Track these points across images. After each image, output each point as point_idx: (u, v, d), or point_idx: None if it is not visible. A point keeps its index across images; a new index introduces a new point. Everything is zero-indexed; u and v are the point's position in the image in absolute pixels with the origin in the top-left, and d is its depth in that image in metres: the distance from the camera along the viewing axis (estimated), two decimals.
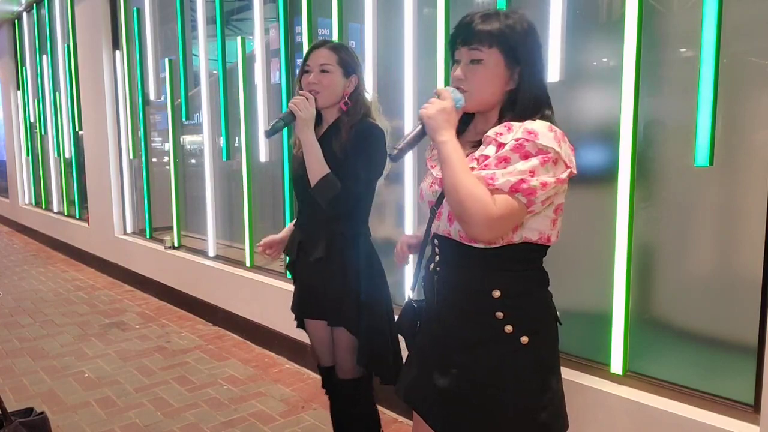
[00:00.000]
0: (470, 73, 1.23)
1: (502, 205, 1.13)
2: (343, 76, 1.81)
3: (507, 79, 1.24)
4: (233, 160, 4.12)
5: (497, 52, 1.21)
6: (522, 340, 1.22)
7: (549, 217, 1.24)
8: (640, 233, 2.00)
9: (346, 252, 1.83)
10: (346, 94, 1.81)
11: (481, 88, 1.24)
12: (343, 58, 1.81)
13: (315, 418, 2.70)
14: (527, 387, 1.24)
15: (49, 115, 7.02)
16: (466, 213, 1.13)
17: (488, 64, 1.22)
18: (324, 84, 1.79)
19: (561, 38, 2.12)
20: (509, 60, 1.22)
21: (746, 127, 1.87)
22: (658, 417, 1.85)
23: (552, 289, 1.34)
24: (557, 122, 1.26)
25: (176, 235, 4.70)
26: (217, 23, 3.97)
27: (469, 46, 1.22)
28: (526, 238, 1.22)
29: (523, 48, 1.22)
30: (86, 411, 2.82)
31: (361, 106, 1.83)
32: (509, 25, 1.22)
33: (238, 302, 3.84)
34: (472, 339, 1.26)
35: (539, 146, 1.15)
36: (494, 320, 1.23)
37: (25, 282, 5.48)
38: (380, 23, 2.84)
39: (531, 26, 1.25)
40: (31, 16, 7.34)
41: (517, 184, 1.13)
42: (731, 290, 1.93)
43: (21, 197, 8.35)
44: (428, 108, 1.21)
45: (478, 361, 1.25)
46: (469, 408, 1.26)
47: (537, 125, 1.18)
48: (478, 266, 1.25)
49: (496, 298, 1.23)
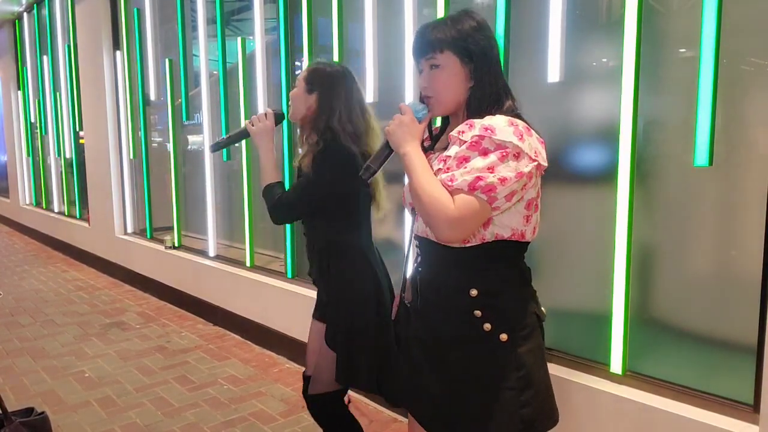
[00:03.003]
0: (432, 78, 1.29)
1: (461, 204, 1.16)
2: (305, 92, 1.85)
3: (466, 76, 1.28)
4: (233, 160, 4.13)
5: (450, 54, 1.26)
6: (501, 338, 1.24)
7: (521, 213, 1.25)
8: (639, 233, 2.00)
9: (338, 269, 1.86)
10: (308, 109, 1.84)
11: (443, 90, 1.29)
12: (310, 75, 1.85)
13: None
14: (508, 384, 1.25)
15: (50, 115, 7.03)
16: (429, 216, 1.18)
17: (445, 66, 1.27)
18: (292, 98, 1.88)
19: (561, 38, 2.12)
20: (463, 58, 1.27)
21: (746, 127, 1.88)
22: (657, 417, 1.85)
23: (552, 288, 1.34)
24: (557, 120, 1.27)
25: (176, 235, 4.70)
26: (217, 23, 3.98)
27: (425, 55, 1.29)
28: (498, 235, 1.24)
29: (474, 44, 1.26)
30: (87, 411, 2.82)
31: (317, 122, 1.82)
32: (457, 27, 1.27)
33: (238, 302, 3.84)
34: (452, 337, 1.29)
35: (497, 142, 1.17)
36: (473, 318, 1.25)
37: (25, 282, 5.49)
38: (380, 23, 2.84)
39: (480, 23, 1.29)
40: (32, 16, 7.35)
41: (474, 182, 1.15)
42: (731, 290, 1.93)
43: (21, 197, 8.36)
44: (390, 125, 1.28)
45: (459, 359, 1.28)
46: (452, 406, 1.28)
47: (495, 120, 1.20)
48: (454, 266, 1.27)
49: (473, 297, 1.25)
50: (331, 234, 1.87)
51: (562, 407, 1.40)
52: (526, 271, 1.34)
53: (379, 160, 1.32)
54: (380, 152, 1.32)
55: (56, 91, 6.73)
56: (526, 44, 2.31)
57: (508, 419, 1.25)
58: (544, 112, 2.33)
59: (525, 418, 1.26)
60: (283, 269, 3.55)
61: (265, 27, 3.63)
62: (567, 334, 2.27)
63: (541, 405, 1.30)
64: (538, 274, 1.38)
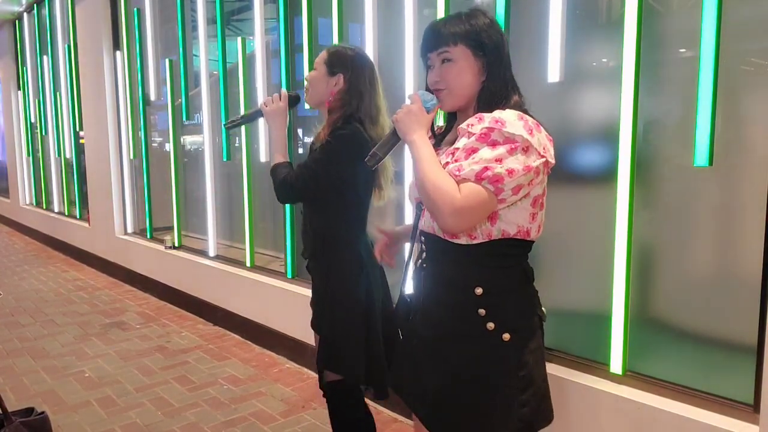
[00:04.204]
0: (444, 72, 1.29)
1: (468, 193, 1.15)
2: (326, 75, 1.83)
3: (479, 69, 1.28)
4: (233, 161, 4.13)
5: (464, 47, 1.27)
6: (504, 337, 1.24)
7: (527, 210, 1.25)
8: (639, 233, 2.00)
9: (327, 254, 1.88)
10: (331, 93, 1.83)
11: (456, 82, 1.28)
12: (331, 57, 1.84)
13: (315, 417, 2.70)
14: (509, 383, 1.25)
15: (50, 115, 7.03)
16: (434, 205, 1.17)
17: (458, 59, 1.27)
18: (310, 81, 1.87)
19: (561, 38, 2.12)
20: (476, 52, 1.27)
21: (746, 127, 1.88)
22: (657, 417, 1.85)
23: (552, 288, 1.34)
24: (557, 119, 1.28)
25: (177, 235, 4.70)
26: (217, 23, 3.98)
27: (438, 49, 1.29)
28: (504, 232, 1.24)
29: (488, 39, 1.27)
30: (87, 411, 2.82)
31: (345, 107, 1.82)
32: (471, 22, 1.28)
33: (239, 302, 3.84)
34: (455, 333, 1.29)
35: (506, 134, 1.17)
36: (477, 317, 1.25)
37: (25, 282, 5.49)
38: (380, 23, 2.84)
39: (492, 19, 1.31)
40: (32, 16, 7.35)
41: (482, 172, 1.15)
42: (731, 290, 1.93)
43: (22, 197, 8.36)
44: (398, 113, 1.28)
45: (461, 356, 1.28)
46: (452, 404, 1.28)
47: (506, 114, 1.20)
48: (460, 262, 1.27)
49: (478, 295, 1.25)
50: (326, 220, 1.87)
51: (562, 407, 1.40)
52: (529, 270, 1.33)
53: (385, 148, 1.31)
54: (387, 139, 1.31)
55: (56, 91, 6.73)
56: (526, 44, 2.31)
57: (508, 418, 1.25)
58: (545, 112, 2.31)
59: (524, 417, 1.26)
60: (283, 269, 3.55)
61: (265, 27, 3.63)
62: (567, 334, 2.27)
63: (539, 405, 1.30)
64: (539, 274, 1.38)
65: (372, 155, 1.30)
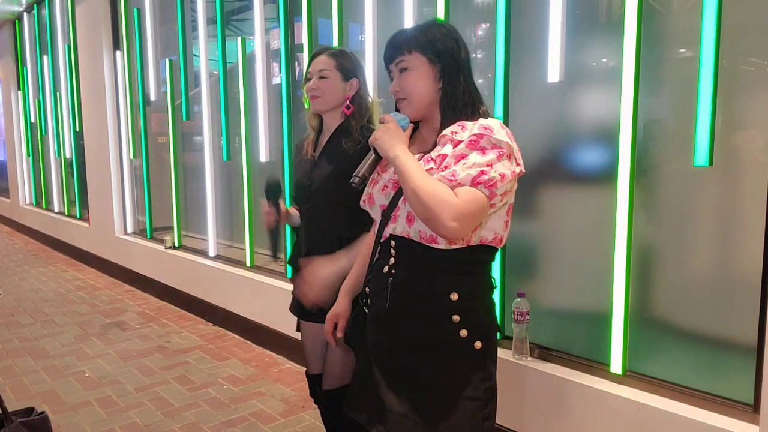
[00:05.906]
0: (402, 81, 1.31)
1: (466, 197, 1.15)
2: (342, 80, 1.82)
3: (435, 75, 1.30)
4: (233, 161, 4.12)
5: (418, 54, 1.29)
6: (476, 345, 1.24)
7: (503, 218, 1.28)
8: (639, 233, 2.00)
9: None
10: (347, 97, 1.83)
11: (413, 89, 1.30)
12: (341, 62, 1.83)
13: (315, 417, 2.70)
14: (474, 395, 1.24)
15: (50, 115, 7.03)
16: (432, 213, 1.14)
17: (414, 67, 1.30)
18: (323, 89, 1.82)
19: (561, 38, 2.12)
20: (431, 58, 1.29)
21: (746, 128, 1.88)
22: (657, 417, 1.85)
23: (552, 288, 1.35)
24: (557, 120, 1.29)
25: (177, 235, 4.70)
26: (217, 23, 3.98)
27: (395, 59, 1.32)
28: (483, 238, 1.25)
29: (441, 45, 1.29)
30: (87, 410, 2.82)
31: (365, 109, 1.85)
32: (424, 30, 1.31)
33: (239, 302, 3.84)
34: (425, 341, 1.27)
35: (493, 141, 1.19)
36: (450, 323, 1.24)
37: (25, 282, 5.49)
38: (380, 23, 2.84)
39: (448, 28, 1.33)
40: (32, 16, 7.35)
41: (478, 176, 1.16)
42: (731, 290, 1.93)
43: (21, 197, 8.36)
44: (375, 133, 1.30)
45: (428, 366, 1.26)
46: (420, 412, 1.25)
47: (491, 122, 1.23)
48: (437, 268, 1.26)
49: (453, 300, 1.24)
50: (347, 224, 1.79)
51: (562, 407, 1.40)
52: (492, 279, 1.35)
53: (370, 168, 1.32)
54: (369, 160, 1.33)
55: (56, 91, 6.73)
56: (526, 44, 2.31)
57: (475, 427, 1.24)
58: (545, 112, 2.33)
59: (487, 427, 1.25)
60: (283, 269, 3.55)
61: (265, 27, 3.63)
62: (567, 334, 2.27)
63: (494, 419, 1.30)
64: (539, 274, 1.39)
65: (361, 177, 1.31)
